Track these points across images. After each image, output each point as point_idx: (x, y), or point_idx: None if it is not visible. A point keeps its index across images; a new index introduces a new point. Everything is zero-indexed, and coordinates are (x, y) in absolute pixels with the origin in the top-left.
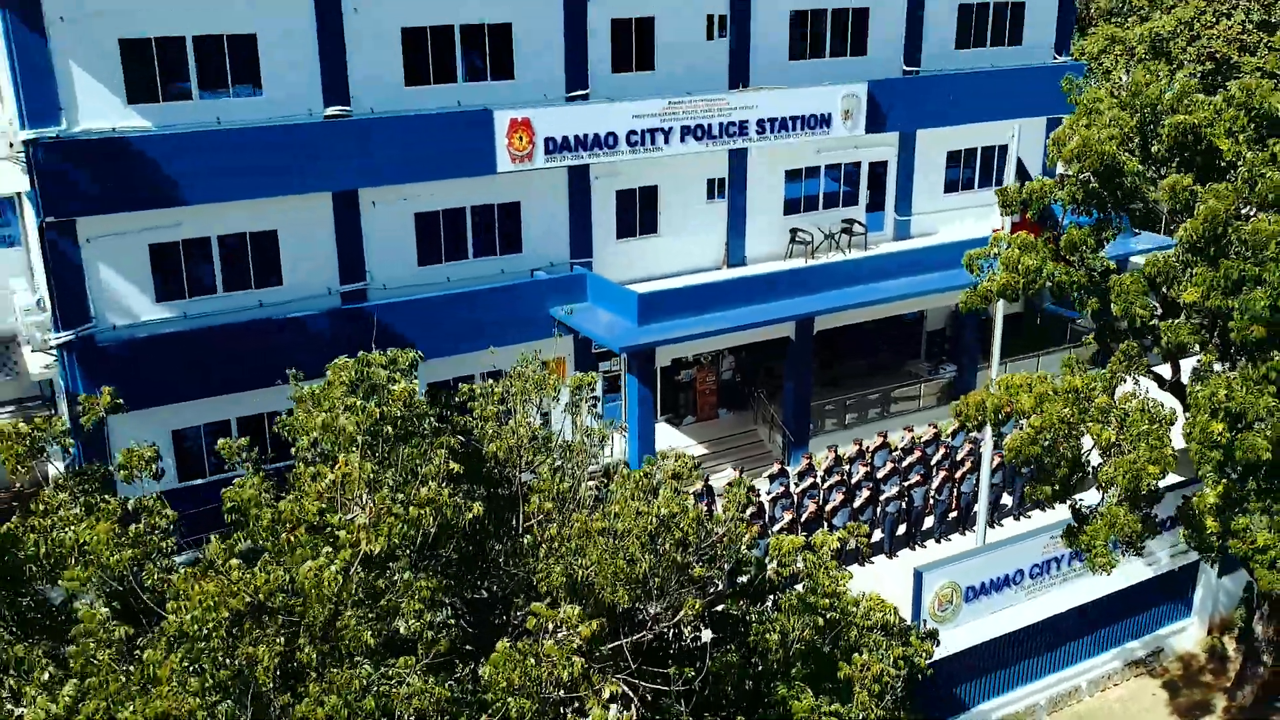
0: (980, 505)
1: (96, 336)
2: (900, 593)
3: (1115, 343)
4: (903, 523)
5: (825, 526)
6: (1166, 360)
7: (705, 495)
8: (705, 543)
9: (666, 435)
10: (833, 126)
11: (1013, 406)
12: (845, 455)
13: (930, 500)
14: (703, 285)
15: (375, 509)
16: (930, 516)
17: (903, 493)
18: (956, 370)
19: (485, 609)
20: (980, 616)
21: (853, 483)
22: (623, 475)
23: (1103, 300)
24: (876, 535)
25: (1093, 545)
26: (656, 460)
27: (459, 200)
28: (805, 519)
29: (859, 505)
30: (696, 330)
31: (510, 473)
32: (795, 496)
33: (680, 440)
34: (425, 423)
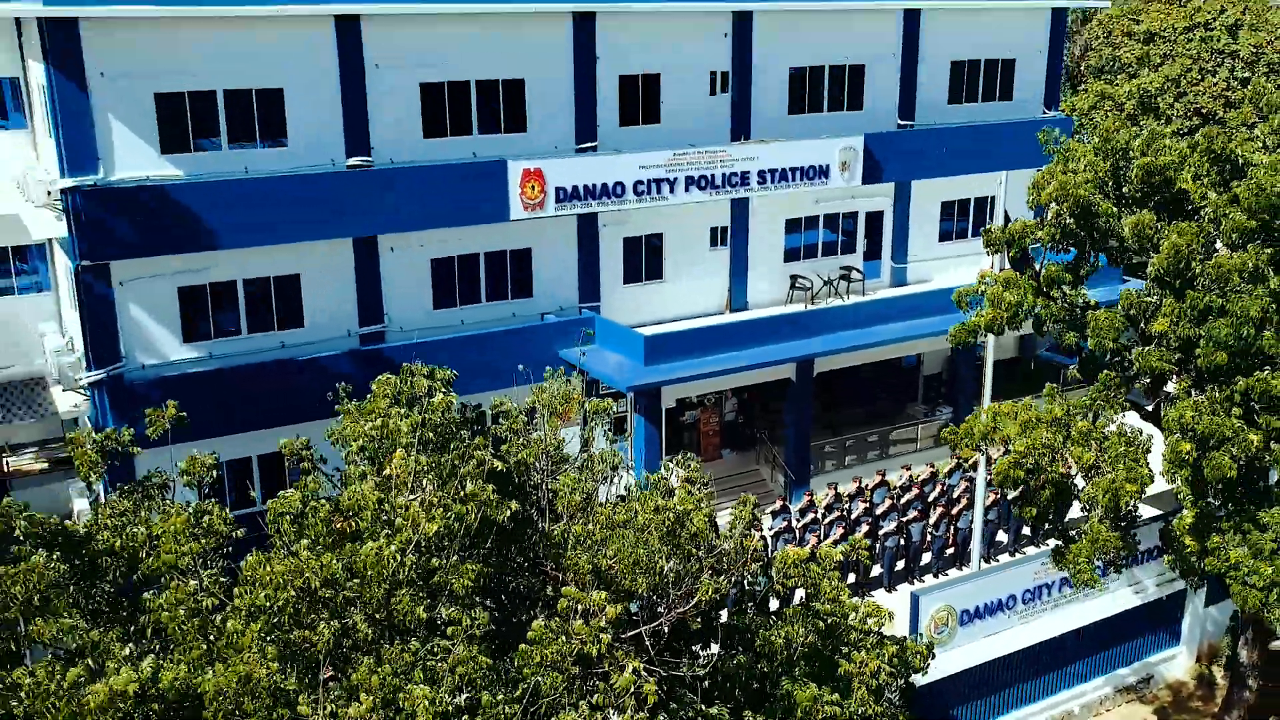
0: (975, 533)
1: (126, 375)
2: (899, 620)
3: (1097, 372)
4: (901, 558)
5: None
6: (1148, 393)
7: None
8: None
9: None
10: (830, 177)
11: (998, 433)
12: (845, 493)
13: (928, 536)
14: (707, 328)
15: (427, 498)
16: (928, 553)
17: (901, 528)
18: (952, 412)
19: (513, 607)
20: (975, 639)
21: (852, 519)
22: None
23: (1082, 333)
24: (876, 570)
25: (1077, 563)
26: (671, 466)
27: (473, 246)
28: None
29: (857, 559)
30: (701, 370)
31: (538, 479)
32: (797, 531)
33: None
34: (464, 430)
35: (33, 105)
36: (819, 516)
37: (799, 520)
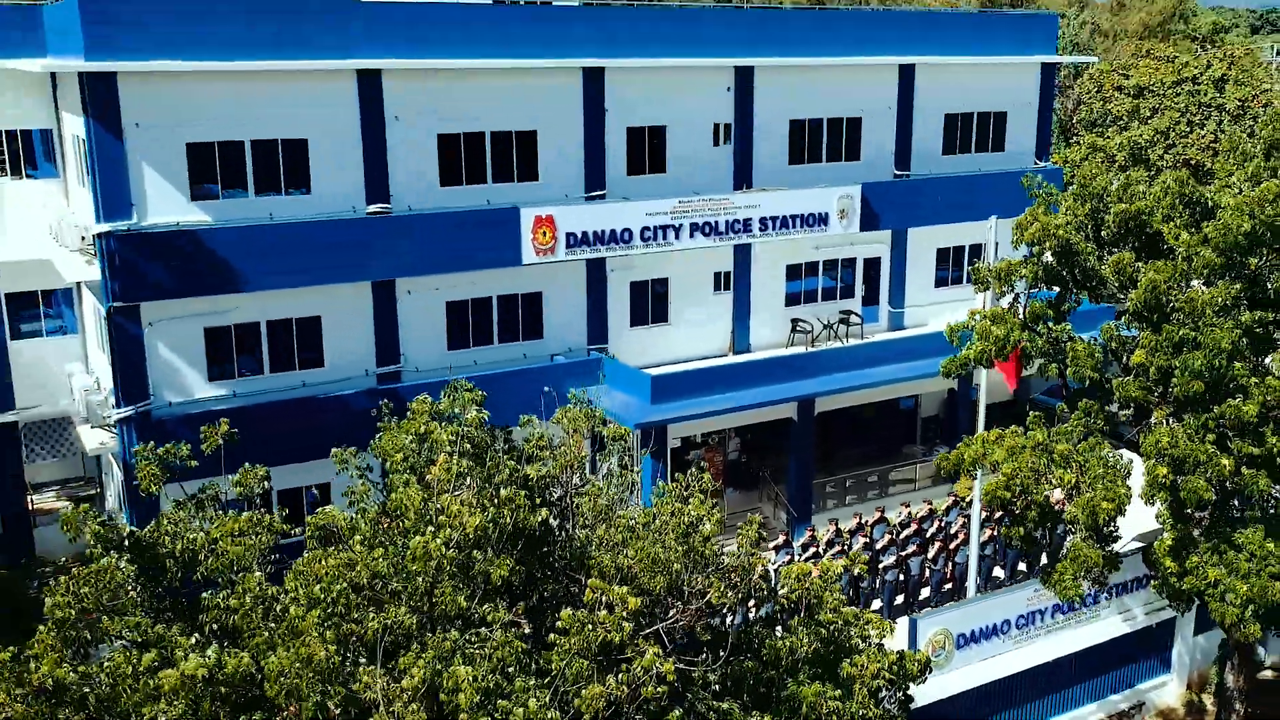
0: (970, 562)
1: (154, 412)
2: (898, 645)
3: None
4: (900, 592)
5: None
6: (1132, 423)
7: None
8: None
9: None
10: (830, 225)
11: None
12: (846, 529)
13: (926, 571)
14: (711, 368)
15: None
16: (926, 588)
17: (900, 562)
18: (949, 451)
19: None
20: (971, 663)
21: (853, 553)
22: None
23: (1063, 365)
24: (875, 604)
25: (1063, 580)
26: (683, 479)
27: (487, 290)
28: None
29: (858, 574)
30: (706, 409)
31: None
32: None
33: None
34: (496, 443)
35: (65, 155)
36: (820, 551)
37: (801, 555)
